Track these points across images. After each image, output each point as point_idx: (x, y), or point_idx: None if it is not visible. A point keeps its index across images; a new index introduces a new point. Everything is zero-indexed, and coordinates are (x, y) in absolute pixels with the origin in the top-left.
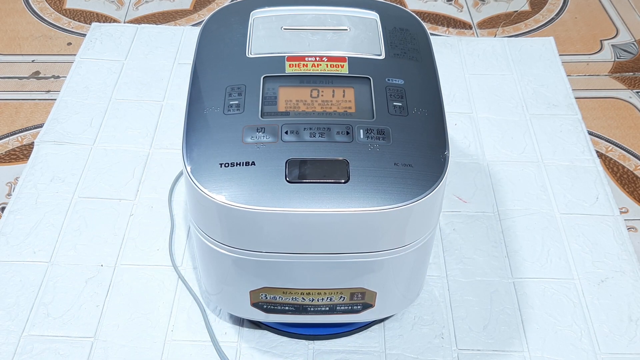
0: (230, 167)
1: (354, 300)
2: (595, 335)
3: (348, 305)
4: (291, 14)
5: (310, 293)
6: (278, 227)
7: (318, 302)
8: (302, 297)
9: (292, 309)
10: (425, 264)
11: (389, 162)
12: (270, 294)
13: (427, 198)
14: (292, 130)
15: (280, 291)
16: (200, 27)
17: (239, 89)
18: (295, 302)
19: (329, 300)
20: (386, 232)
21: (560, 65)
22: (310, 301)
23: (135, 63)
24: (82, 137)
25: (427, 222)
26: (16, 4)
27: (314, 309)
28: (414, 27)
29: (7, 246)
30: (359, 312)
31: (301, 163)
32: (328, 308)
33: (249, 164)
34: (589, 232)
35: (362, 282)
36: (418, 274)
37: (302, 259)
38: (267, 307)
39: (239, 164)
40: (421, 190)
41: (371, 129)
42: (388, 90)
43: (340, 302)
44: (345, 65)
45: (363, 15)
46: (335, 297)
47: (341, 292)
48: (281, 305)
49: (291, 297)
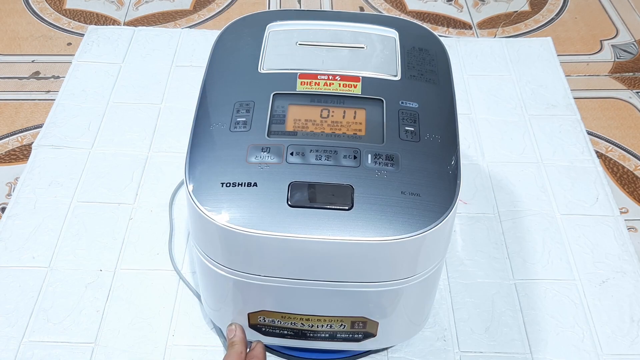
0: (231, 187)
1: (354, 328)
2: (597, 337)
3: (348, 333)
4: (308, 29)
5: (309, 319)
6: (277, 252)
7: (317, 329)
8: (301, 323)
9: (290, 334)
10: (430, 295)
11: (395, 190)
12: (268, 317)
13: (433, 230)
14: (298, 152)
15: (279, 315)
16: (215, 38)
17: (247, 106)
18: (294, 327)
19: (328, 327)
20: (388, 263)
21: (558, 66)
22: (309, 327)
23: (133, 66)
24: (80, 140)
25: (433, 254)
26: (16, 4)
27: (313, 334)
28: (433, 47)
29: (6, 251)
30: (360, 341)
31: (304, 187)
32: (328, 335)
33: (251, 184)
34: (589, 232)
35: (363, 311)
36: (423, 306)
37: (301, 285)
38: (266, 329)
39: (241, 185)
40: (427, 222)
41: (380, 154)
42: (401, 113)
43: (340, 329)
44: (359, 86)
45: (381, 33)
46: (336, 324)
47: (341, 320)
48: (280, 329)
49: (290, 322)
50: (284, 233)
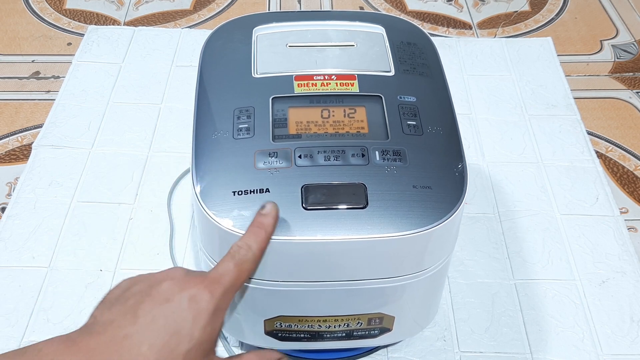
0: (244, 195)
1: (371, 325)
2: (597, 337)
3: (365, 330)
4: (295, 30)
5: (327, 320)
6: (296, 256)
7: (335, 329)
8: (318, 325)
9: (307, 336)
10: (442, 285)
11: (407, 185)
12: (285, 322)
13: (449, 221)
14: (306, 154)
15: (296, 319)
16: (202, 46)
17: (247, 111)
18: (311, 330)
19: (346, 326)
20: (407, 257)
21: (558, 65)
22: (326, 328)
23: (133, 66)
24: (80, 140)
25: (448, 244)
26: (16, 4)
27: (330, 335)
28: (421, 41)
29: (6, 251)
30: (376, 337)
31: (318, 188)
32: (345, 334)
33: (263, 191)
34: (589, 232)
35: (381, 307)
36: (437, 295)
37: (320, 287)
38: (282, 335)
39: (253, 192)
40: (442, 214)
41: (387, 150)
42: (401, 108)
43: (357, 327)
44: (355, 84)
45: (368, 30)
46: (353, 323)
47: (359, 317)
48: (296, 333)
49: (307, 325)
50: (303, 237)
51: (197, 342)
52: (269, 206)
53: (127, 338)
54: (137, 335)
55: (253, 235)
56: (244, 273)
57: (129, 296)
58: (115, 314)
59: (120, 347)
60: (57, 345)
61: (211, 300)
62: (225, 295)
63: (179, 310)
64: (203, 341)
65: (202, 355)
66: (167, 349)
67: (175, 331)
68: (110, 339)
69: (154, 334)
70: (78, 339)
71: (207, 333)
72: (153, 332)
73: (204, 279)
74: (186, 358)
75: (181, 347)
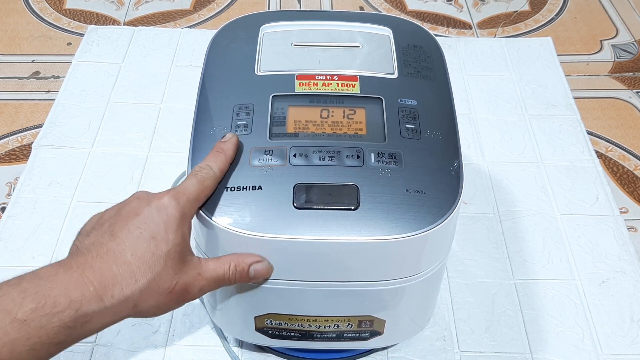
0: (237, 191)
1: (361, 327)
2: (597, 336)
3: (356, 332)
4: (302, 29)
5: (316, 320)
6: (285, 254)
7: (325, 329)
8: (308, 324)
9: (297, 335)
10: (436, 291)
11: (400, 188)
12: (275, 320)
13: (440, 227)
14: (301, 153)
15: (286, 317)
16: (209, 42)
17: (246, 108)
18: (302, 329)
19: (336, 327)
20: (396, 261)
21: (558, 65)
22: (316, 328)
23: (133, 66)
24: (80, 140)
25: (439, 250)
26: (16, 4)
27: (320, 335)
28: (428, 44)
29: (6, 251)
30: (367, 340)
31: (309, 188)
32: (335, 335)
33: (256, 188)
34: (589, 232)
35: (371, 310)
36: (429, 302)
37: (309, 287)
38: (272, 332)
39: (246, 188)
40: (434, 219)
41: (382, 152)
42: (400, 111)
43: (347, 329)
44: (357, 85)
45: (375, 32)
46: (343, 324)
47: (349, 319)
48: (287, 331)
49: (297, 324)
50: (291, 235)
51: (173, 244)
52: (229, 135)
53: (110, 251)
54: (118, 247)
55: (213, 158)
56: (207, 189)
57: (102, 222)
58: (94, 237)
59: (107, 259)
60: (50, 267)
61: (177, 206)
62: (189, 204)
63: (150, 218)
64: (177, 243)
65: (180, 255)
66: (148, 253)
67: (152, 236)
68: (95, 255)
69: (133, 243)
70: (66, 261)
71: (179, 236)
72: (132, 242)
73: (168, 191)
74: (167, 259)
75: (160, 249)
